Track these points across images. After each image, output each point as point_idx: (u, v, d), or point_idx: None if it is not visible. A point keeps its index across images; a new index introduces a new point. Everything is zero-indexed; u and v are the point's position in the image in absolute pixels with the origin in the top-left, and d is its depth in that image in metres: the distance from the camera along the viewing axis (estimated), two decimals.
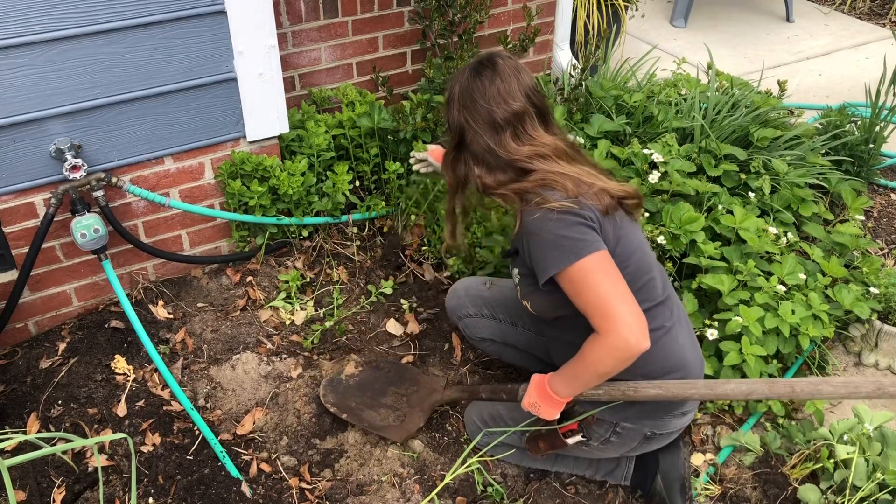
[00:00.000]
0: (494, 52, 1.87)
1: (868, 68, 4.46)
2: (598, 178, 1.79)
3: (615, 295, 1.64)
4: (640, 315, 1.64)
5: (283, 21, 2.83)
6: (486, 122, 1.79)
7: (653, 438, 1.95)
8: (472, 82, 1.80)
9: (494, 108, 1.77)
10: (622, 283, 1.67)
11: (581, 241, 1.67)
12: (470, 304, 2.30)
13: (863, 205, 2.92)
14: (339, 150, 2.90)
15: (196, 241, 2.77)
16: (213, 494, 2.12)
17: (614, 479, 2.16)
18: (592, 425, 1.93)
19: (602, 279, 1.65)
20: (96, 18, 2.22)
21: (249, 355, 2.52)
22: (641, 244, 1.86)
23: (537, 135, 1.80)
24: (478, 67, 1.82)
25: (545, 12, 3.47)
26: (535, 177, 1.76)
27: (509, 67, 1.81)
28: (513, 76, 1.80)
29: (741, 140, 2.99)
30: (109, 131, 2.40)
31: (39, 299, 2.54)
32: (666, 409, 1.89)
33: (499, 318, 2.28)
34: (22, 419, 2.28)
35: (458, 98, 1.82)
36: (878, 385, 1.49)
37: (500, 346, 2.30)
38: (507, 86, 1.78)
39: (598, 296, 1.64)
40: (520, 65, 1.84)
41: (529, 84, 1.82)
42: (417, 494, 2.14)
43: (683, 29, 5.04)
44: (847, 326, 2.62)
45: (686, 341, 1.90)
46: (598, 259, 1.66)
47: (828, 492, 2.11)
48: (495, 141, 1.79)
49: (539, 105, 1.83)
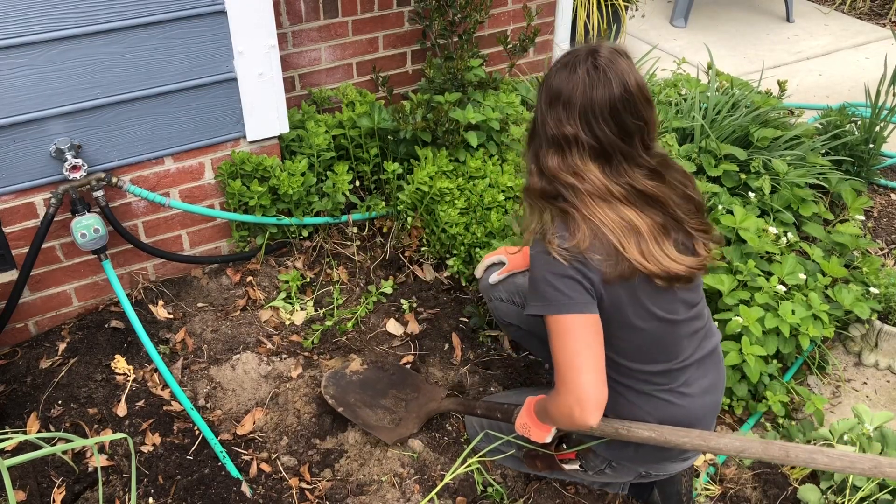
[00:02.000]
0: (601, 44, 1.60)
1: (868, 68, 4.46)
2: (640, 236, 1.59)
3: (581, 364, 1.56)
4: (596, 392, 1.55)
5: (283, 21, 2.83)
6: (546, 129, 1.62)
7: (649, 476, 1.92)
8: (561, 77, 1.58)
9: (549, 120, 1.60)
10: (594, 355, 1.58)
11: (567, 297, 1.57)
12: (503, 289, 2.22)
13: (863, 205, 2.92)
14: (339, 150, 2.90)
15: (196, 241, 2.77)
16: (213, 494, 2.12)
17: (612, 489, 2.16)
18: (590, 455, 1.89)
19: (574, 343, 1.57)
20: (96, 18, 2.22)
21: (249, 355, 2.52)
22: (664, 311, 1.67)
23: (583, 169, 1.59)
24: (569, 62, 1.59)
25: (545, 12, 3.47)
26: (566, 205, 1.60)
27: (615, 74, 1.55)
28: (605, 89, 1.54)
29: (741, 140, 3.00)
30: (109, 131, 2.40)
31: (39, 299, 2.54)
32: (664, 456, 1.83)
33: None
34: (22, 419, 2.28)
35: (545, 88, 1.62)
36: (875, 463, 1.41)
37: (526, 333, 2.24)
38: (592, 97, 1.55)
39: (565, 358, 1.58)
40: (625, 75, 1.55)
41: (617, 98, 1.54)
42: (417, 494, 2.14)
43: (683, 29, 5.04)
44: (847, 326, 2.62)
45: (703, 387, 1.78)
46: (578, 322, 1.57)
47: (828, 492, 2.12)
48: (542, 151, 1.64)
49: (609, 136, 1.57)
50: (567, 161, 1.60)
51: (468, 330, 2.65)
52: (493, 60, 3.39)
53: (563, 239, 1.58)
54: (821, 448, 1.45)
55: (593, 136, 1.57)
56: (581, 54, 1.58)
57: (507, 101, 2.93)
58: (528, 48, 3.00)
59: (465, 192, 2.68)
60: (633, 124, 1.57)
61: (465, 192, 2.69)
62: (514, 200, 2.66)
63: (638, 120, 1.58)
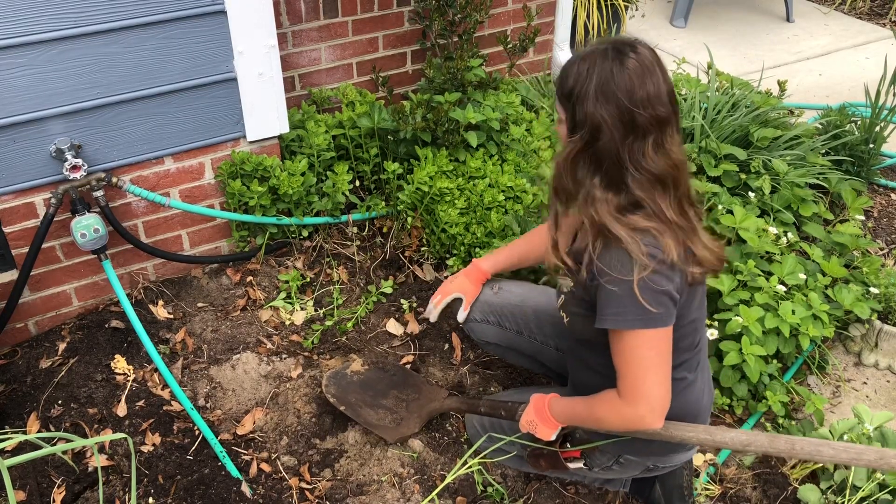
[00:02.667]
0: (630, 37, 1.60)
1: (868, 68, 4.46)
2: (697, 234, 1.62)
3: (656, 374, 1.57)
4: (667, 399, 1.59)
5: (283, 21, 2.83)
6: (623, 124, 1.52)
7: (655, 470, 1.94)
8: (617, 73, 1.51)
9: (640, 110, 1.51)
10: (668, 363, 1.60)
11: (654, 313, 1.54)
12: (476, 310, 2.23)
13: (863, 205, 2.92)
14: (339, 150, 2.90)
15: (196, 241, 2.77)
16: (213, 494, 2.12)
17: (613, 486, 2.16)
18: (595, 453, 1.91)
19: (652, 355, 1.57)
20: (96, 18, 2.22)
21: (249, 355, 2.52)
22: (702, 301, 1.76)
23: (673, 149, 1.56)
24: (621, 56, 1.53)
25: (545, 12, 3.47)
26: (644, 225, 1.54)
27: (656, 60, 1.56)
28: (660, 72, 1.55)
29: (741, 140, 3.00)
30: (109, 131, 2.40)
31: (39, 299, 2.54)
32: (672, 447, 1.86)
33: (504, 327, 2.22)
34: (22, 419, 2.28)
35: (598, 90, 1.52)
36: (880, 455, 1.42)
37: (506, 349, 2.27)
38: (656, 86, 1.53)
39: (640, 368, 1.58)
40: (661, 60, 1.58)
41: (672, 85, 1.57)
42: (417, 494, 2.14)
43: (683, 29, 5.04)
44: (847, 326, 2.62)
45: (704, 387, 1.88)
46: (658, 335, 1.57)
47: (828, 492, 2.12)
48: (632, 148, 1.53)
49: (678, 112, 1.59)
50: (658, 149, 1.54)
51: None
52: (493, 60, 3.39)
53: (655, 256, 1.53)
54: (826, 441, 1.46)
55: (674, 112, 1.57)
56: (621, 50, 1.54)
57: (507, 101, 2.93)
58: (528, 48, 3.00)
59: (465, 192, 2.68)
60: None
61: (465, 192, 2.69)
62: (515, 200, 2.66)
63: None
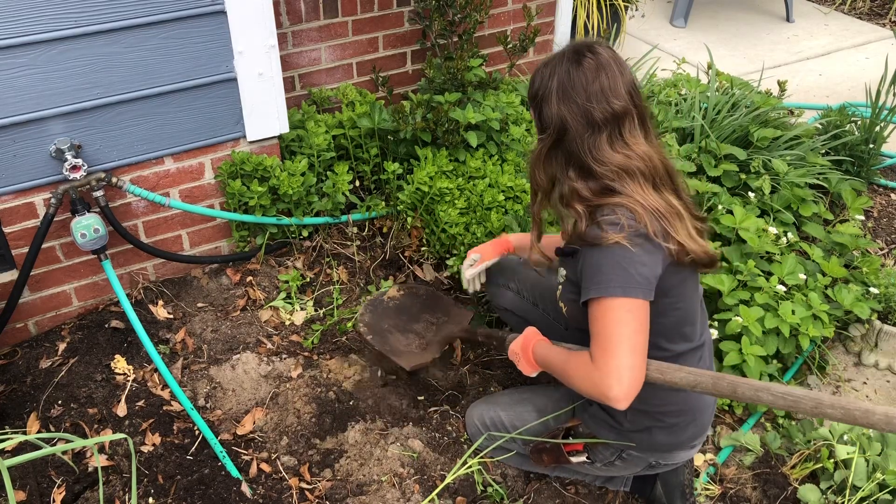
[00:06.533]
0: (592, 41, 1.69)
1: (868, 68, 4.46)
2: (682, 220, 1.66)
3: (629, 344, 1.57)
4: (637, 379, 1.58)
5: (283, 21, 2.83)
6: (583, 120, 1.63)
7: (658, 466, 1.95)
8: (573, 73, 1.62)
9: (594, 105, 1.61)
10: (643, 338, 1.60)
11: (633, 281, 1.58)
12: (500, 274, 2.29)
13: (863, 205, 2.92)
14: (339, 150, 2.90)
15: (196, 241, 2.77)
16: (213, 494, 2.12)
17: (614, 485, 2.16)
18: (598, 448, 1.92)
19: (628, 327, 1.58)
20: (96, 18, 2.22)
21: (249, 355, 2.52)
22: (694, 292, 1.79)
23: (634, 142, 1.65)
24: (577, 57, 1.64)
25: (545, 12, 3.47)
26: (617, 200, 1.62)
27: (613, 59, 1.64)
28: (617, 70, 1.63)
29: (741, 140, 3.00)
30: (109, 131, 2.40)
31: (39, 299, 2.54)
32: (677, 446, 1.88)
33: (523, 296, 2.27)
34: (22, 419, 2.28)
35: (558, 90, 1.64)
36: (816, 403, 1.42)
37: (519, 319, 2.29)
38: (611, 81, 1.61)
39: (615, 336, 1.58)
40: (620, 57, 1.67)
41: (632, 81, 1.65)
42: (417, 494, 2.14)
43: (683, 29, 5.04)
44: (847, 326, 2.62)
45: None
46: (636, 305, 1.58)
47: (828, 492, 2.12)
48: (589, 143, 1.63)
49: (640, 107, 1.67)
50: (616, 143, 1.64)
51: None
52: (493, 60, 3.39)
53: (632, 226, 1.59)
54: (766, 385, 1.48)
55: (635, 106, 1.65)
56: (579, 51, 1.65)
57: (507, 101, 2.93)
58: (528, 48, 3.00)
59: (465, 192, 2.68)
60: (642, 94, 1.68)
61: (465, 192, 2.69)
62: (515, 201, 2.66)
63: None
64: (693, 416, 1.85)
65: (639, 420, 1.84)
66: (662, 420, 1.83)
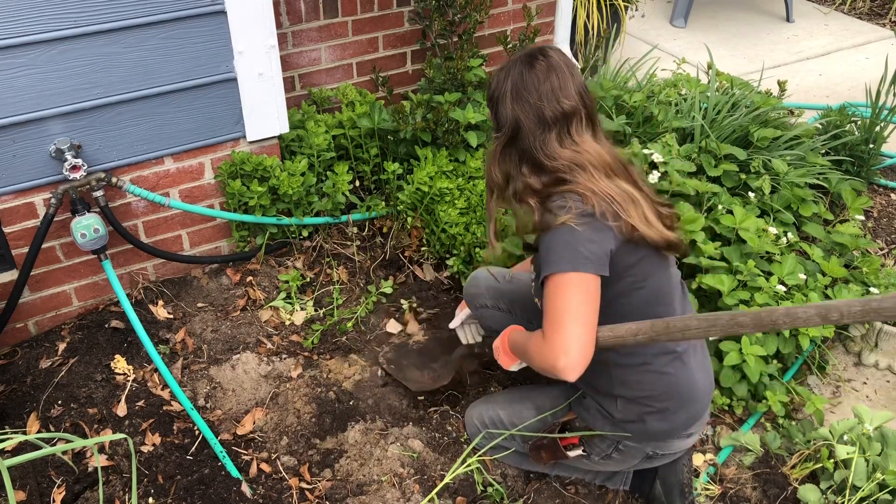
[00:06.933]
0: (545, 45, 1.82)
1: (868, 68, 4.46)
2: (636, 205, 1.72)
3: (574, 315, 1.62)
4: (586, 345, 1.62)
5: (283, 21, 2.83)
6: (535, 119, 1.73)
7: (655, 457, 1.95)
8: (526, 75, 1.74)
9: (545, 104, 1.71)
10: (590, 309, 1.65)
11: (582, 256, 1.64)
12: (488, 296, 2.29)
13: (863, 205, 2.92)
14: (339, 150, 2.90)
15: (196, 241, 2.77)
16: (213, 494, 2.12)
17: (613, 484, 2.16)
18: (595, 440, 1.93)
19: (573, 296, 1.63)
20: (96, 18, 2.22)
21: (249, 355, 2.52)
22: (661, 272, 1.81)
23: (581, 140, 1.75)
24: (530, 60, 1.75)
25: (545, 12, 3.47)
26: (566, 187, 1.71)
27: (564, 62, 1.75)
28: (568, 72, 1.74)
29: (741, 140, 2.99)
30: (109, 131, 2.40)
31: (39, 299, 2.54)
32: (670, 433, 1.89)
33: (514, 314, 2.26)
34: (22, 419, 2.28)
35: (512, 91, 1.75)
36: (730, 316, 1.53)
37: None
38: (561, 82, 1.72)
39: (563, 311, 1.63)
40: (572, 61, 1.78)
41: (582, 83, 1.76)
42: (417, 494, 2.14)
43: (683, 29, 5.04)
44: (847, 326, 2.62)
45: (698, 365, 1.89)
46: (584, 280, 1.64)
47: (828, 492, 2.12)
48: (540, 140, 1.74)
49: (589, 107, 1.77)
50: (565, 140, 1.74)
51: None
52: (493, 60, 3.39)
53: (579, 209, 1.67)
54: (694, 315, 1.57)
55: (584, 106, 1.75)
56: (533, 55, 1.76)
57: None
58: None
59: (465, 192, 2.68)
60: (593, 97, 1.81)
61: (465, 192, 2.69)
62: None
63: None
64: (682, 400, 1.85)
65: (628, 408, 1.85)
66: (651, 405, 1.84)
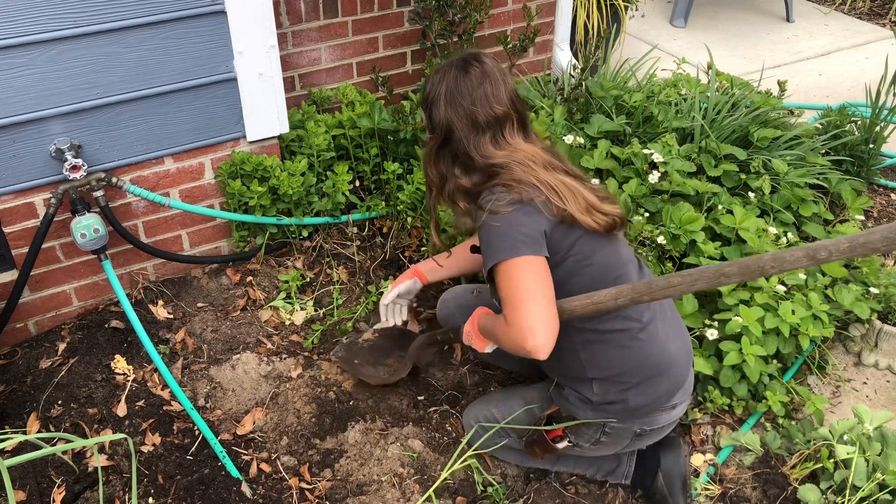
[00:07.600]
0: (477, 51, 1.89)
1: (868, 68, 4.46)
2: (574, 193, 1.78)
3: (530, 295, 1.67)
4: (549, 320, 1.67)
5: (283, 21, 2.83)
6: (468, 123, 1.80)
7: (644, 435, 1.96)
8: (460, 80, 1.80)
9: (478, 109, 1.78)
10: (543, 285, 1.70)
11: (520, 242, 1.71)
12: (459, 315, 2.31)
13: (863, 205, 2.92)
14: (339, 150, 2.90)
15: (196, 241, 2.77)
16: (213, 494, 2.12)
17: (615, 478, 2.16)
18: (581, 429, 1.94)
19: (522, 279, 1.69)
20: (96, 18, 2.22)
21: (249, 355, 2.52)
22: (607, 248, 1.85)
23: (515, 142, 1.82)
24: (465, 66, 1.81)
25: (545, 12, 3.47)
26: (501, 178, 1.77)
27: (497, 69, 1.82)
28: (500, 79, 1.81)
29: (741, 140, 3.00)
30: (109, 131, 2.40)
31: (39, 299, 2.54)
32: (653, 407, 1.90)
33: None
34: (22, 419, 2.29)
35: (446, 95, 1.81)
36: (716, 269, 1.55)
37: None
38: (494, 88, 1.79)
39: (515, 292, 1.69)
40: (504, 68, 1.86)
41: (514, 89, 1.84)
42: (417, 494, 2.14)
43: (683, 29, 5.04)
44: (847, 326, 2.62)
45: (668, 333, 1.91)
46: (530, 262, 1.70)
47: (828, 492, 2.12)
48: (474, 143, 1.80)
49: (521, 112, 1.85)
50: (499, 142, 1.81)
51: None
52: None
53: (505, 199, 1.74)
54: (676, 272, 1.62)
55: (516, 111, 1.83)
56: (467, 61, 1.82)
57: None
58: (527, 48, 3.00)
59: None
60: (524, 102, 1.89)
61: None
62: None
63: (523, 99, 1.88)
64: (657, 371, 1.86)
65: (605, 389, 1.87)
66: (626, 381, 1.85)
